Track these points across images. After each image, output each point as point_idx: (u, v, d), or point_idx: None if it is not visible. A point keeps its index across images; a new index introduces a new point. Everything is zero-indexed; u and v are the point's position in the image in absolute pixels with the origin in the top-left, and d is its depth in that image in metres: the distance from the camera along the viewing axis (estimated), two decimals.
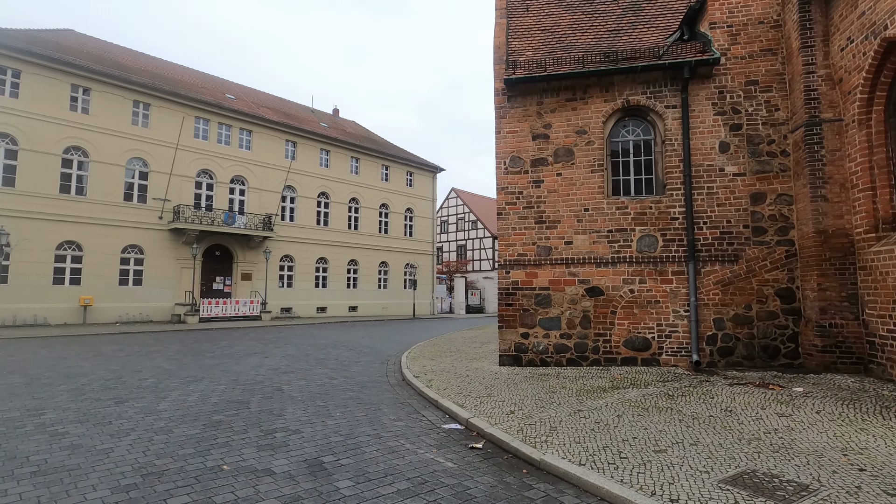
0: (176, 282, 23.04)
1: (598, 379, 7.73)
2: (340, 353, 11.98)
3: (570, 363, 8.97)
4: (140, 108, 22.61)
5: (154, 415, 5.73)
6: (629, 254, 8.90)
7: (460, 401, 6.49)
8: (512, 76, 9.27)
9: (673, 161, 8.87)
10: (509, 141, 9.57)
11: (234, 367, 9.48)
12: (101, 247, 20.94)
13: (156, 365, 9.63)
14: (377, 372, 9.37)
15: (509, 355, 9.22)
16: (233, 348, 12.68)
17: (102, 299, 20.78)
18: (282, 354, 11.61)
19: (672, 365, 8.61)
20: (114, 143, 21.55)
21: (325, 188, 29.46)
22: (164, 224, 22.74)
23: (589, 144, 9.22)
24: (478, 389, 7.17)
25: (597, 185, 9.13)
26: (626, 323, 8.84)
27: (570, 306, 9.07)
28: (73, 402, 6.28)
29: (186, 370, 9.06)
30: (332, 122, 34.65)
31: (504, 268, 9.41)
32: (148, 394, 6.90)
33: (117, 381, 7.88)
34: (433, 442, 5.02)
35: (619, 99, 9.16)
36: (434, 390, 7.17)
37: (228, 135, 25.61)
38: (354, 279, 30.89)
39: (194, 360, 10.47)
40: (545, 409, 5.92)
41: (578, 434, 4.91)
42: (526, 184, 9.44)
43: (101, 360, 10.18)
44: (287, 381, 8.11)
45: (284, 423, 5.53)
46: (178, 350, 12.14)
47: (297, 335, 16.96)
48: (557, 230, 9.23)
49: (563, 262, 9.16)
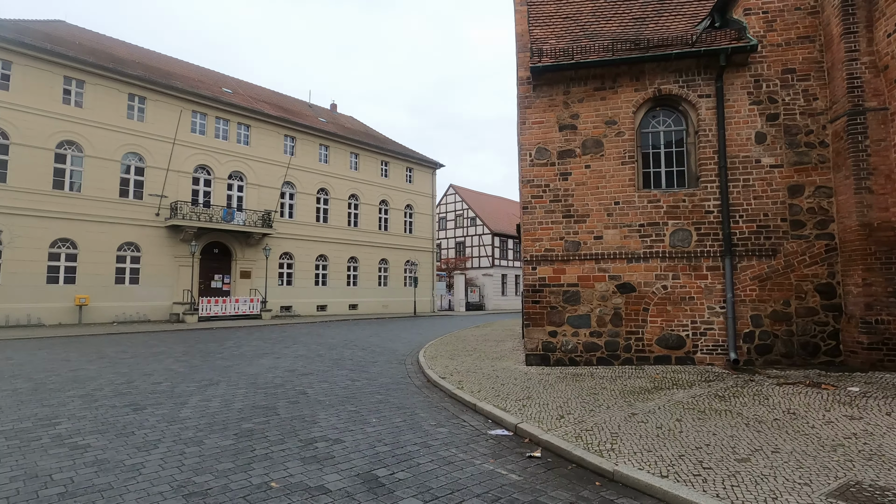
0: (174, 280, 22.45)
1: (636, 379, 7.41)
2: (354, 353, 11.57)
3: (600, 362, 8.65)
4: (135, 102, 21.94)
5: (178, 423, 5.31)
6: (662, 249, 8.59)
7: (500, 404, 6.13)
8: (538, 64, 8.89)
9: (707, 152, 8.55)
10: (535, 132, 9.20)
11: (249, 369, 9.05)
12: (96, 244, 20.31)
13: (166, 367, 9.17)
14: (397, 373, 8.99)
15: (537, 354, 8.88)
16: (241, 349, 12.22)
17: (98, 298, 20.16)
18: (293, 355, 11.18)
19: (707, 364, 8.31)
20: (108, 137, 20.89)
21: (324, 184, 28.93)
22: (161, 221, 22.13)
23: (619, 135, 8.88)
24: (514, 391, 6.82)
25: (627, 177, 8.80)
26: (659, 320, 8.53)
27: (600, 303, 8.74)
28: (88, 410, 5.83)
29: (199, 373, 8.62)
30: (330, 117, 34.07)
31: (530, 264, 9.06)
32: (165, 399, 6.46)
33: (129, 385, 7.42)
34: (486, 450, 4.65)
35: (650, 88, 8.82)
36: (468, 393, 6.80)
37: (226, 129, 24.99)
38: (354, 277, 30.42)
39: (204, 361, 10.01)
40: (595, 413, 5.58)
41: (644, 441, 4.57)
42: (553, 176, 9.08)
43: (106, 363, 9.70)
44: (309, 384, 7.70)
45: (321, 430, 5.13)
46: (184, 351, 11.66)
47: (303, 334, 16.51)
48: (586, 224, 8.89)
49: (593, 257, 8.82)
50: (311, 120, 29.81)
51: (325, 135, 29.14)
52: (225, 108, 24.66)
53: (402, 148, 34.72)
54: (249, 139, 25.82)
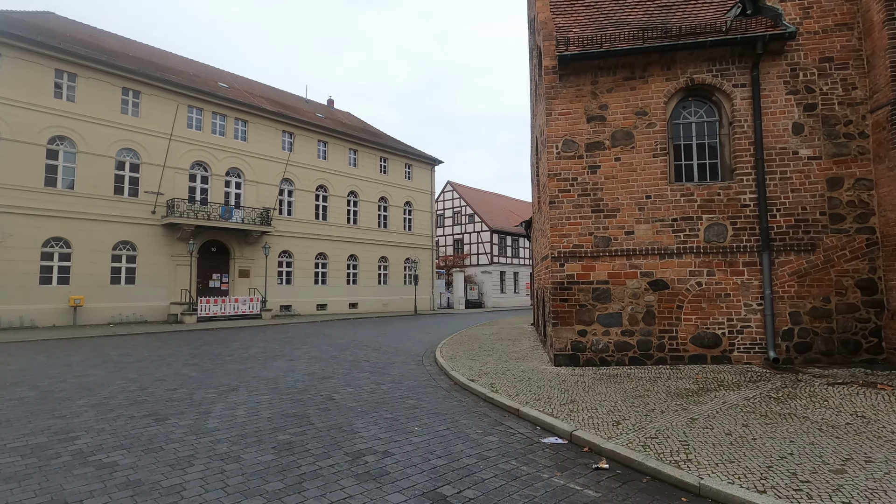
0: (171, 280, 21.84)
1: (677, 380, 7.11)
2: (368, 355, 11.17)
3: (633, 362, 8.34)
4: (129, 96, 21.26)
5: (207, 435, 4.90)
6: (696, 244, 8.29)
7: (544, 409, 5.79)
8: (566, 53, 8.55)
9: (742, 144, 8.26)
10: (561, 123, 8.85)
11: (265, 373, 8.62)
12: (90, 243, 19.66)
13: (176, 372, 8.72)
14: (419, 375, 8.63)
15: (566, 354, 8.55)
16: (249, 350, 11.77)
17: (93, 299, 19.53)
18: (306, 357, 10.76)
19: (745, 363, 8.04)
20: (102, 132, 20.21)
21: (323, 181, 28.40)
22: (158, 219, 21.51)
23: (650, 126, 8.56)
24: (553, 394, 6.48)
25: (659, 170, 8.48)
26: (694, 318, 8.23)
27: (631, 301, 8.43)
28: (105, 422, 5.39)
29: (214, 377, 8.18)
30: (327, 113, 33.49)
31: (557, 260, 8.72)
32: (186, 408, 6.03)
33: (142, 392, 6.97)
34: (548, 462, 4.31)
35: (682, 77, 8.51)
36: (505, 396, 6.46)
37: (223, 125, 24.37)
38: (354, 275, 29.95)
39: (215, 365, 9.56)
40: (651, 418, 5.25)
41: (720, 449, 4.24)
42: (581, 169, 8.75)
43: (111, 367, 9.21)
44: (333, 388, 7.30)
45: (365, 442, 4.75)
46: (191, 353, 11.19)
47: (309, 335, 16.06)
48: (616, 219, 8.57)
49: (624, 253, 8.50)
50: (309, 116, 29.24)
51: (324, 131, 28.59)
52: (222, 103, 24.03)
53: (400, 144, 34.25)
54: (247, 135, 25.22)
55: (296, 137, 27.15)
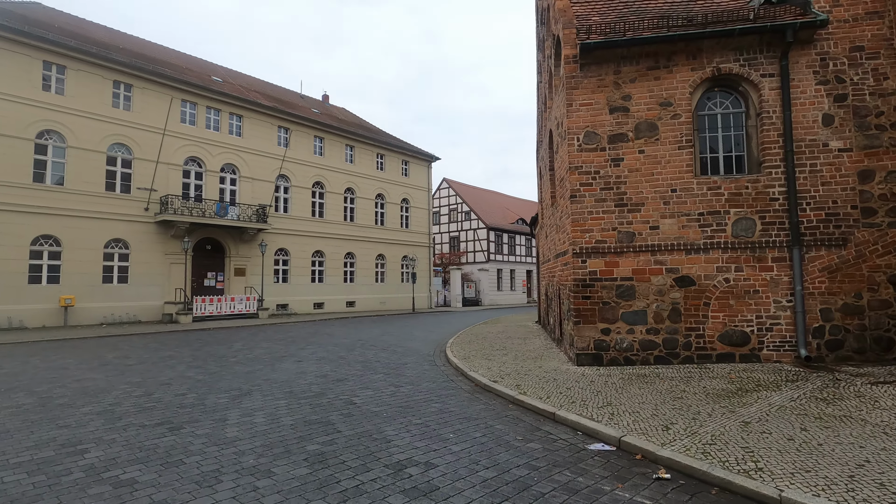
0: (165, 278, 21.25)
1: (710, 380, 6.84)
2: (377, 355, 10.81)
3: (658, 361, 8.07)
4: (121, 90, 20.60)
5: (229, 446, 4.52)
6: (723, 239, 8.03)
7: (583, 412, 5.48)
8: (588, 41, 8.23)
9: (771, 136, 8.01)
10: (583, 115, 8.54)
11: (275, 376, 8.23)
12: (81, 241, 19.02)
13: (181, 375, 8.29)
14: (436, 376, 8.29)
15: (588, 354, 8.26)
16: (253, 351, 11.34)
17: (85, 299, 18.91)
18: (314, 358, 10.36)
19: (774, 361, 7.80)
20: (93, 127, 19.56)
21: (319, 177, 27.87)
22: (151, 216, 20.90)
23: (675, 118, 8.28)
24: (586, 396, 6.18)
25: (684, 162, 8.21)
26: (721, 315, 7.98)
27: (656, 298, 8.16)
28: (115, 432, 4.98)
29: (222, 380, 7.77)
30: (322, 108, 32.93)
31: (580, 256, 8.42)
32: (200, 415, 5.64)
33: (149, 398, 6.55)
34: (603, 472, 4.00)
35: (709, 67, 8.23)
36: (536, 399, 6.14)
37: (217, 120, 23.77)
38: (351, 273, 29.49)
39: (221, 367, 9.14)
40: (700, 422, 4.96)
41: (788, 456, 3.96)
42: (603, 162, 8.45)
43: (111, 371, 8.76)
44: (351, 392, 6.94)
45: (401, 451, 4.40)
46: (192, 355, 10.74)
47: (310, 334, 15.64)
48: (641, 214, 8.28)
49: (648, 249, 8.22)
50: (305, 111, 28.69)
51: (320, 126, 28.06)
52: (216, 98, 23.41)
53: (397, 140, 33.79)
54: (242, 130, 24.63)
55: (292, 133, 26.60)
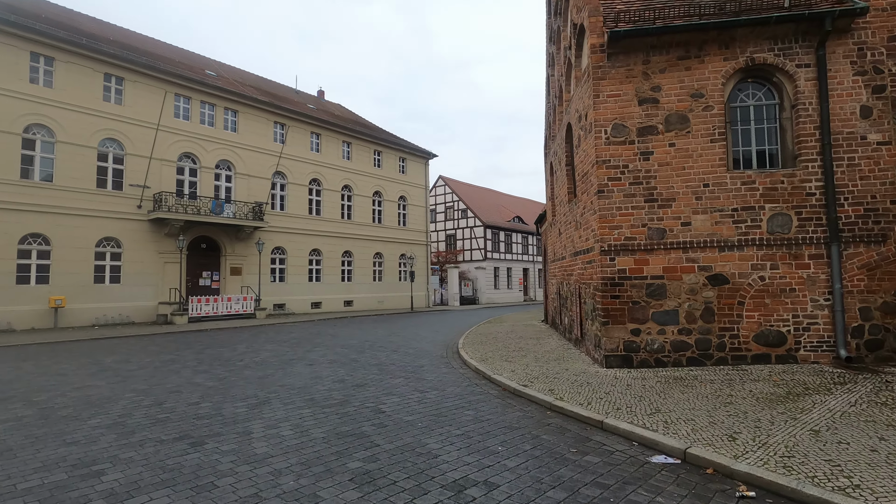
0: (159, 278, 20.61)
1: (752, 383, 6.54)
2: (389, 357, 10.39)
3: (690, 363, 7.76)
4: (112, 83, 19.89)
5: (262, 464, 4.09)
6: (758, 235, 7.73)
7: (633, 420, 5.14)
8: (618, 29, 7.88)
9: (807, 128, 7.72)
10: (610, 106, 8.20)
11: (290, 381, 7.78)
12: (71, 240, 18.33)
13: (189, 381, 7.81)
14: (457, 379, 7.90)
15: (617, 355, 7.93)
16: (259, 354, 10.86)
17: (76, 300, 18.23)
18: (325, 360, 9.92)
19: (812, 362, 7.53)
20: (83, 121, 18.85)
21: (316, 174, 27.30)
22: (144, 214, 20.23)
23: (707, 110, 7.96)
24: (629, 402, 5.84)
25: (717, 156, 7.90)
26: (756, 315, 7.69)
27: (688, 297, 7.84)
28: (131, 448, 4.52)
29: (235, 387, 7.30)
30: (318, 104, 32.33)
31: (608, 254, 8.08)
32: (220, 427, 5.19)
33: (161, 408, 6.08)
34: (680, 489, 3.64)
35: (742, 57, 7.92)
36: (577, 405, 5.79)
37: (212, 115, 23.11)
38: (349, 272, 28.98)
39: (229, 372, 8.67)
40: (765, 430, 4.63)
41: (883, 471, 3.63)
42: (632, 156, 8.11)
43: (114, 377, 8.24)
44: (376, 398, 6.52)
45: (453, 468, 4.01)
46: (196, 359, 10.24)
47: (314, 335, 15.16)
48: (672, 209, 7.96)
49: (680, 246, 7.90)
50: (301, 106, 28.10)
51: (317, 122, 27.48)
52: (211, 92, 22.76)
53: (394, 137, 33.29)
54: (237, 126, 24.00)
55: (288, 129, 26.00)
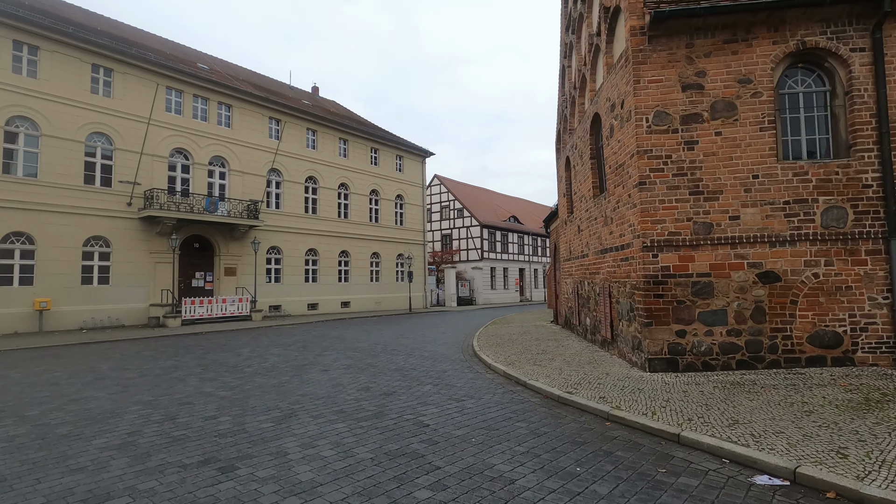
0: (150, 279, 19.69)
1: (819, 388, 6.05)
2: (406, 361, 9.77)
3: (741, 366, 7.27)
4: (100, 74, 18.95)
5: (313, 495, 3.45)
6: (812, 230, 7.27)
7: (715, 433, 4.60)
8: (662, 9, 7.36)
9: (862, 116, 7.28)
10: (652, 92, 7.68)
11: (310, 389, 7.12)
12: (57, 239, 17.36)
13: (199, 391, 7.10)
14: (487, 385, 7.33)
15: (662, 359, 7.41)
16: (266, 359, 10.16)
17: (62, 302, 17.27)
18: (340, 366, 9.26)
19: (870, 364, 7.08)
20: (69, 114, 17.89)
21: (312, 172, 26.51)
22: (135, 212, 19.31)
23: (755, 96, 7.48)
24: (697, 411, 5.31)
25: (767, 145, 7.42)
26: (810, 314, 7.22)
27: (737, 296, 7.35)
28: (149, 476, 3.84)
29: (252, 397, 6.62)
30: (313, 100, 31.51)
31: (650, 250, 7.56)
32: (248, 447, 4.53)
33: (174, 423, 5.39)
34: None
35: (792, 40, 7.46)
36: (641, 416, 5.24)
37: (205, 109, 22.22)
38: (346, 272, 28.21)
39: (239, 379, 7.97)
40: (869, 443, 4.12)
41: None
42: (675, 145, 7.60)
43: (111, 386, 7.50)
44: (412, 409, 5.91)
45: (538, 496, 3.42)
46: (198, 365, 9.51)
47: (318, 338, 14.46)
48: (719, 202, 7.46)
49: (728, 241, 7.41)
50: (297, 102, 27.27)
51: (313, 118, 26.68)
52: (204, 86, 21.86)
53: (391, 135, 32.59)
54: (231, 121, 23.13)
55: (284, 125, 25.17)
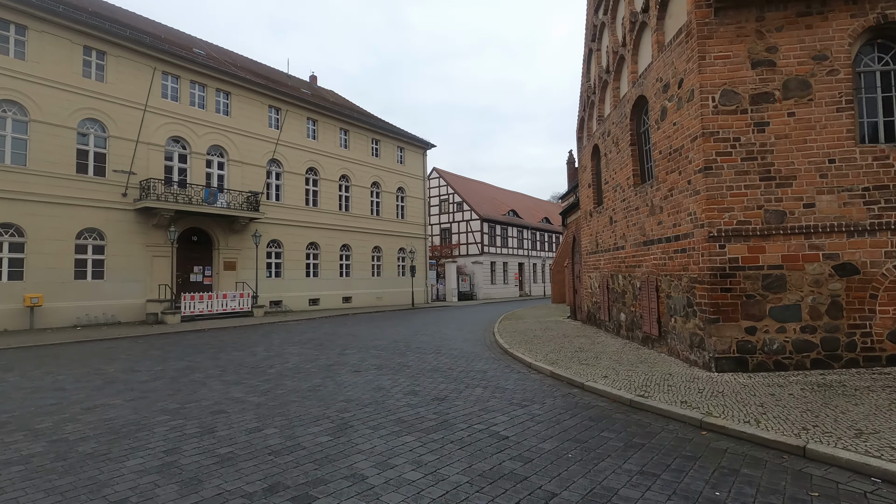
0: (146, 273, 18.76)
1: None
2: (439, 360, 9.13)
3: (816, 365, 6.74)
4: (93, 57, 17.90)
5: None
6: (894, 219, 6.74)
7: (845, 444, 4.03)
8: None
9: None
10: (719, 69, 7.07)
11: (352, 394, 6.43)
12: (48, 231, 16.37)
13: (227, 397, 6.37)
14: (539, 387, 6.72)
15: (730, 358, 6.85)
16: (287, 359, 9.43)
17: (54, 297, 16.30)
18: (371, 367, 8.58)
19: None
20: (60, 98, 16.85)
21: (313, 163, 25.62)
22: (130, 203, 18.34)
23: (831, 74, 6.92)
24: (802, 418, 4.77)
25: (844, 127, 6.87)
26: (891, 310, 6.71)
27: (812, 290, 6.81)
28: None
29: (289, 404, 5.92)
30: (311, 90, 30.52)
31: (716, 240, 6.98)
32: (314, 468, 3.84)
33: (213, 437, 4.68)
34: None
35: (872, 14, 6.90)
36: (740, 423, 4.67)
37: (203, 96, 21.24)
38: (347, 266, 27.43)
39: (266, 382, 7.26)
40: None
41: None
42: (744, 127, 7.01)
43: (126, 391, 6.74)
44: (478, 417, 5.26)
45: None
46: (215, 366, 8.76)
47: (331, 335, 13.73)
48: (792, 189, 6.90)
49: (802, 231, 6.86)
50: (296, 91, 26.32)
51: (314, 107, 25.77)
52: (201, 71, 20.86)
53: (392, 126, 31.74)
54: (230, 109, 22.16)
55: (285, 114, 24.23)
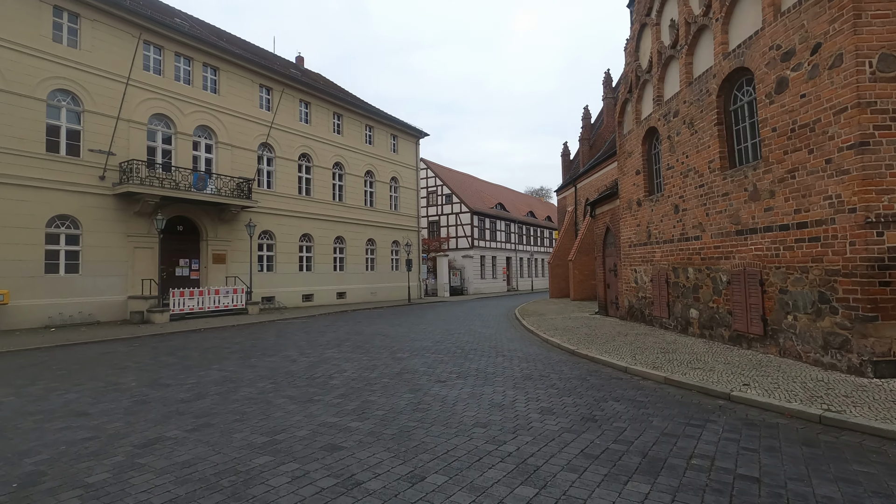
0: (128, 267, 16.69)
1: None
2: (481, 364, 7.94)
3: None
4: (64, 20, 15.64)
5: None
6: None
7: None
8: None
9: None
10: (876, 30, 6.13)
11: (472, 414, 5.14)
12: (14, 218, 14.18)
13: (317, 421, 4.95)
14: (695, 404, 5.63)
15: (891, 361, 5.95)
16: (339, 365, 7.99)
17: (22, 294, 14.14)
18: (449, 374, 7.28)
19: None
20: (26, 64, 14.60)
21: (306, 149, 23.82)
22: (109, 187, 16.22)
23: None
24: None
25: None
26: None
27: None
28: None
29: (412, 431, 4.58)
30: (300, 71, 28.52)
31: (874, 227, 6.05)
32: None
33: (361, 490, 3.33)
34: None
35: None
36: None
37: (189, 70, 19.15)
38: (341, 260, 25.77)
39: (339, 397, 5.86)
40: None
41: None
42: None
43: (174, 416, 5.20)
44: (583, 439, 4.10)
45: None
46: (257, 375, 7.25)
47: (354, 334, 12.27)
48: None
49: None
50: (287, 70, 24.38)
51: (307, 89, 23.93)
52: (187, 42, 18.76)
53: (385, 113, 30.11)
54: (218, 86, 20.14)
55: (280, 95, 22.30)
